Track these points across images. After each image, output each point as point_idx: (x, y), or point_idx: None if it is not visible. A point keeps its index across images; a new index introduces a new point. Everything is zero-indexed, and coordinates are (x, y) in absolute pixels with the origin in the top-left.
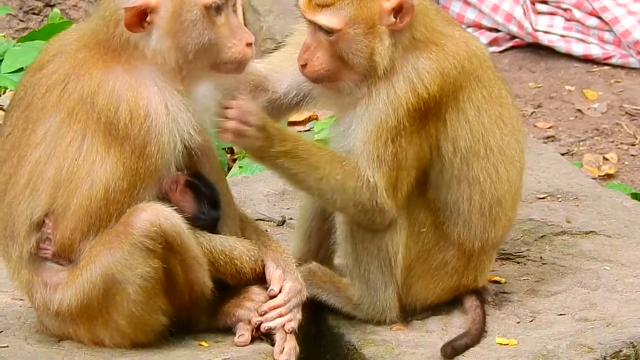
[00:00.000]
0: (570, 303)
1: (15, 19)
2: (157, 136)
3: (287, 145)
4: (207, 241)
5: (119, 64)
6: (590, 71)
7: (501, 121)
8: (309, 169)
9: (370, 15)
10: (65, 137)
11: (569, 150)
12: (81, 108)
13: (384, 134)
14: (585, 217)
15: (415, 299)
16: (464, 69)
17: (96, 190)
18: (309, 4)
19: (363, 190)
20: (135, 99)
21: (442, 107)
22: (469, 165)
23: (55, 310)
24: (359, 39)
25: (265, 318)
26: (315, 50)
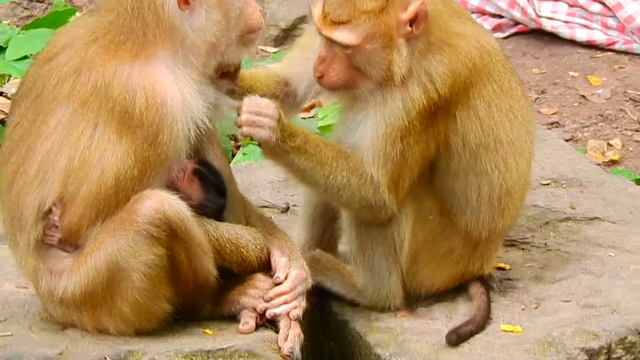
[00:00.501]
0: (575, 290)
1: (20, 7)
2: (172, 124)
3: (297, 141)
4: (214, 229)
5: (132, 55)
6: (594, 57)
7: (511, 113)
8: (317, 165)
9: (387, 30)
10: (77, 127)
11: (573, 137)
12: (95, 98)
13: (393, 133)
14: (590, 204)
15: (420, 286)
16: (475, 66)
17: (107, 178)
18: (324, 20)
19: (366, 186)
20: (152, 87)
21: (451, 105)
22: (476, 158)
23: (60, 298)
24: (377, 53)
25: (270, 304)
26: (331, 62)
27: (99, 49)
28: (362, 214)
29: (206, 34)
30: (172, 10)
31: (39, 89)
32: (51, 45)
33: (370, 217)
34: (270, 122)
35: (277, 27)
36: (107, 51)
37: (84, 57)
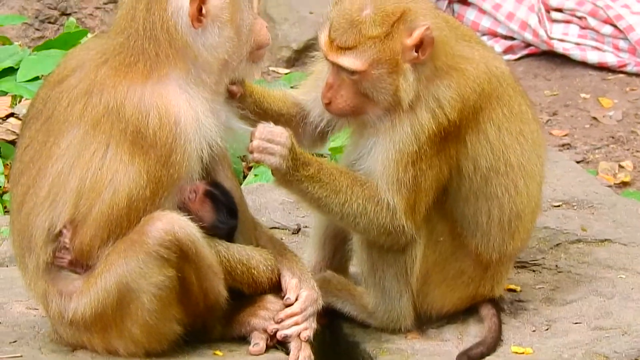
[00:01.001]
0: (585, 311)
1: (31, 28)
2: (185, 144)
3: (311, 170)
4: (225, 249)
5: (144, 75)
6: (606, 79)
7: (522, 137)
8: (331, 193)
9: (393, 55)
10: (89, 148)
11: (585, 158)
12: (107, 119)
13: (404, 158)
14: (601, 225)
15: (431, 308)
16: (484, 91)
17: (119, 198)
18: (330, 46)
19: (383, 213)
20: (165, 106)
21: (461, 130)
22: (487, 182)
23: (70, 319)
24: (383, 78)
25: (281, 326)
26: (338, 88)
27: (109, 70)
28: (381, 240)
29: (219, 51)
30: (185, 28)
31: (49, 111)
32: (61, 68)
33: (389, 242)
34: (281, 150)
35: (289, 49)
36: (118, 72)
37: (95, 79)
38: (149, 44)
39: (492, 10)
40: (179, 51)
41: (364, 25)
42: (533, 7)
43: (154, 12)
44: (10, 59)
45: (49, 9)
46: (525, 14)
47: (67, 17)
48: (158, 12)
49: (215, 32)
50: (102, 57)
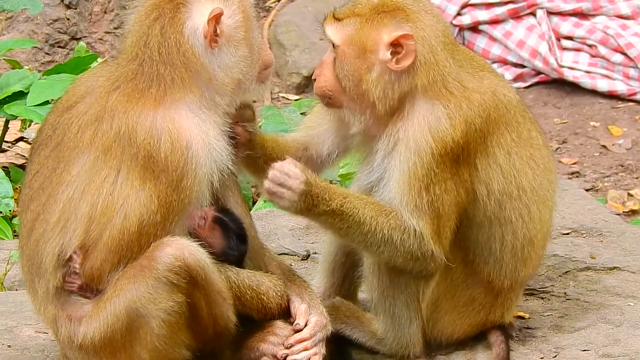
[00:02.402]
0: (594, 339)
1: (41, 52)
2: (196, 168)
3: (332, 205)
4: (235, 275)
5: (156, 101)
6: (615, 107)
7: (533, 162)
8: (354, 225)
9: (365, 40)
10: (99, 174)
11: (594, 186)
12: (118, 145)
13: (415, 184)
14: (610, 253)
15: (440, 334)
16: (490, 117)
17: (129, 223)
18: (331, 15)
19: (410, 241)
20: (177, 130)
21: (470, 153)
22: (501, 206)
23: (79, 344)
24: (350, 61)
25: (291, 351)
26: (324, 66)
27: (121, 96)
28: (409, 266)
29: (234, 71)
30: (201, 50)
31: (59, 138)
32: (70, 94)
33: (417, 269)
34: (291, 196)
35: (299, 75)
36: (130, 99)
37: (106, 105)
38: (165, 69)
39: (503, 37)
40: (194, 74)
41: (359, 5)
42: (543, 35)
43: (170, 36)
44: (20, 83)
45: (59, 33)
46: (536, 41)
47: (77, 41)
48: (174, 36)
49: (230, 51)
50: (113, 83)
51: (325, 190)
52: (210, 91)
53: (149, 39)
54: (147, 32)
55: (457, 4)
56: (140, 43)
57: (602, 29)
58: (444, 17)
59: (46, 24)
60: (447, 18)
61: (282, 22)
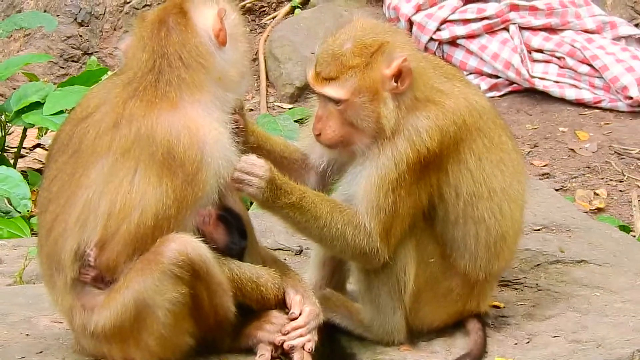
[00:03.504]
0: (563, 326)
1: (56, 66)
2: (211, 162)
3: (292, 198)
4: (237, 267)
5: (173, 103)
6: (582, 114)
7: (502, 164)
8: (311, 219)
9: (373, 84)
10: (118, 175)
11: (563, 186)
12: (137, 146)
13: (385, 185)
14: (578, 248)
15: (422, 323)
16: (465, 123)
17: (146, 218)
18: (317, 77)
19: (360, 236)
20: (196, 127)
21: (443, 159)
22: (473, 206)
23: (92, 331)
24: (365, 106)
25: (288, 337)
26: (327, 119)
27: (138, 103)
28: (356, 260)
29: (239, 65)
30: (213, 49)
31: (76, 145)
32: (84, 106)
33: (363, 263)
34: (258, 183)
35: (293, 86)
36: (147, 104)
37: (123, 112)
38: (187, 72)
39: (479, 51)
40: (208, 74)
41: (344, 57)
42: (516, 48)
43: (188, 41)
44: (36, 94)
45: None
46: (509, 54)
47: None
48: (192, 40)
49: (235, 47)
50: (129, 93)
51: (286, 184)
52: (221, 89)
53: (166, 49)
54: (162, 44)
55: (436, 20)
56: (156, 55)
57: (569, 43)
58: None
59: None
60: (427, 33)
61: (277, 38)
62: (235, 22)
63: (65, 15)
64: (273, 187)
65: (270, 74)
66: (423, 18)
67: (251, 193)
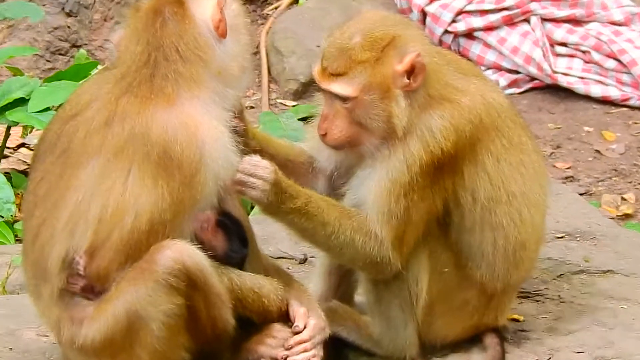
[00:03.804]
0: (587, 341)
1: (42, 59)
2: (210, 162)
3: (298, 203)
4: (238, 277)
5: (170, 99)
6: (609, 112)
7: (522, 167)
8: (318, 226)
9: (384, 80)
10: (110, 176)
11: (588, 190)
12: (130, 145)
13: (396, 189)
14: (603, 257)
15: (435, 337)
16: (482, 122)
17: (140, 222)
18: (323, 73)
19: (371, 244)
20: (194, 126)
21: (458, 161)
22: (491, 211)
23: (81, 345)
24: (375, 104)
25: (291, 352)
26: (333, 118)
27: (132, 99)
28: (366, 270)
29: (239, 59)
30: (212, 41)
31: (64, 145)
32: (73, 103)
33: (374, 273)
34: (262, 185)
35: (297, 81)
36: (142, 100)
37: (115, 109)
38: (184, 66)
39: (497, 44)
40: (207, 68)
41: (353, 51)
42: (537, 42)
43: (186, 32)
44: (21, 90)
45: (59, 41)
46: (530, 48)
47: (78, 49)
48: (190, 31)
49: (236, 39)
50: (122, 89)
51: (292, 187)
52: (221, 85)
53: (162, 40)
54: (158, 35)
55: (452, 11)
56: (151, 47)
57: (595, 35)
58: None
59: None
60: (442, 25)
61: (280, 29)
62: (235, 12)
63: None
64: (278, 190)
65: (273, 68)
66: (437, 9)
67: (254, 196)
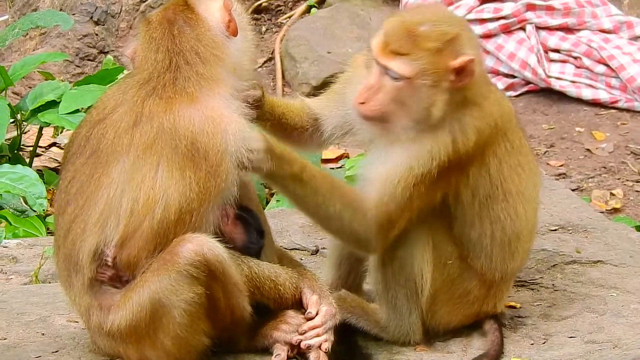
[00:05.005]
0: (579, 327)
1: (72, 65)
2: (233, 152)
3: (294, 167)
4: (256, 266)
5: (193, 97)
6: (599, 114)
7: (520, 168)
8: (311, 193)
9: (437, 71)
10: (140, 171)
11: (579, 187)
12: (159, 141)
13: (409, 178)
14: (594, 248)
15: (438, 323)
16: (496, 126)
17: (169, 212)
18: (384, 49)
19: (357, 222)
20: (219, 118)
21: (468, 160)
22: (488, 207)
23: (108, 330)
24: (423, 90)
25: (304, 337)
26: (377, 91)
27: (157, 100)
28: (349, 244)
29: (249, 53)
30: (226, 41)
31: (94, 146)
32: (100, 108)
33: (356, 249)
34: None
35: (309, 85)
36: (167, 101)
37: (142, 111)
38: (204, 67)
39: (495, 50)
40: (223, 66)
41: (420, 37)
42: (532, 48)
43: (203, 36)
44: (52, 93)
45: (88, 47)
46: (525, 54)
47: (105, 54)
48: (206, 34)
49: (244, 36)
50: (147, 91)
51: (286, 151)
52: (236, 80)
53: (182, 46)
54: (177, 42)
55: None
56: (171, 54)
57: (586, 42)
58: None
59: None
60: None
61: (293, 37)
62: (239, 11)
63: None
64: (272, 156)
65: (287, 73)
66: None
67: (254, 167)
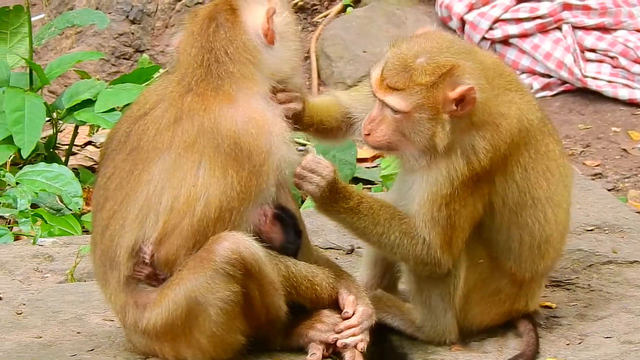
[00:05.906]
0: (616, 327)
1: (108, 63)
2: (276, 153)
3: (350, 203)
4: (294, 265)
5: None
6: (635, 114)
7: (548, 173)
8: (369, 225)
9: (435, 104)
10: (181, 169)
11: (615, 187)
12: (200, 139)
13: (438, 200)
14: (630, 248)
15: (472, 323)
16: (513, 141)
17: (209, 210)
18: (381, 84)
19: (419, 247)
20: (262, 118)
21: (492, 173)
22: (517, 214)
23: (143, 328)
24: (423, 123)
25: (341, 335)
26: (380, 122)
27: (196, 97)
28: (419, 269)
29: (290, 62)
30: (261, 47)
31: (134, 143)
32: (141, 104)
33: (426, 272)
34: (320, 182)
35: (344, 84)
36: (206, 98)
37: (182, 107)
38: (235, 66)
39: (531, 50)
40: (259, 69)
41: (415, 72)
42: (569, 48)
43: (236, 38)
44: (88, 92)
45: (124, 46)
46: (562, 53)
47: (141, 53)
48: (240, 37)
49: (285, 45)
50: (184, 87)
51: (345, 188)
52: (275, 84)
53: (214, 44)
54: (211, 40)
55: (489, 19)
56: (204, 50)
57: (622, 42)
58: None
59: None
60: (479, 32)
61: (329, 36)
62: (286, 20)
63: (117, 12)
64: (333, 189)
65: (322, 72)
66: (475, 17)
67: (310, 190)
